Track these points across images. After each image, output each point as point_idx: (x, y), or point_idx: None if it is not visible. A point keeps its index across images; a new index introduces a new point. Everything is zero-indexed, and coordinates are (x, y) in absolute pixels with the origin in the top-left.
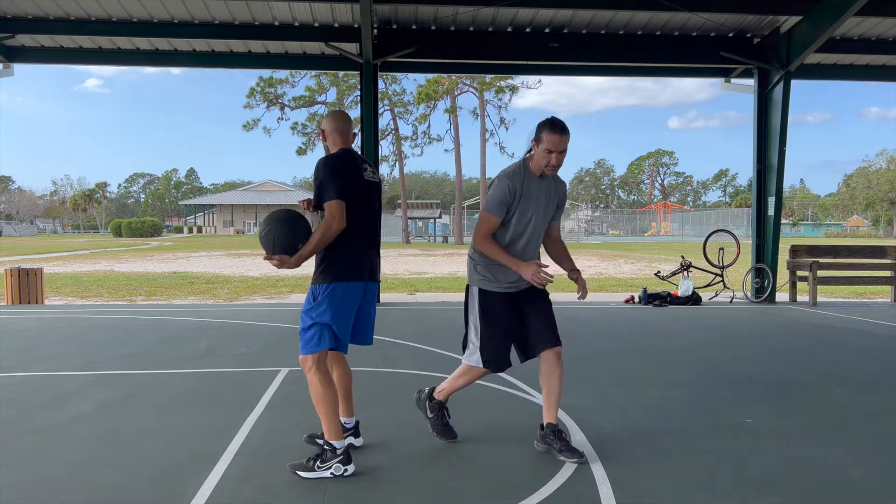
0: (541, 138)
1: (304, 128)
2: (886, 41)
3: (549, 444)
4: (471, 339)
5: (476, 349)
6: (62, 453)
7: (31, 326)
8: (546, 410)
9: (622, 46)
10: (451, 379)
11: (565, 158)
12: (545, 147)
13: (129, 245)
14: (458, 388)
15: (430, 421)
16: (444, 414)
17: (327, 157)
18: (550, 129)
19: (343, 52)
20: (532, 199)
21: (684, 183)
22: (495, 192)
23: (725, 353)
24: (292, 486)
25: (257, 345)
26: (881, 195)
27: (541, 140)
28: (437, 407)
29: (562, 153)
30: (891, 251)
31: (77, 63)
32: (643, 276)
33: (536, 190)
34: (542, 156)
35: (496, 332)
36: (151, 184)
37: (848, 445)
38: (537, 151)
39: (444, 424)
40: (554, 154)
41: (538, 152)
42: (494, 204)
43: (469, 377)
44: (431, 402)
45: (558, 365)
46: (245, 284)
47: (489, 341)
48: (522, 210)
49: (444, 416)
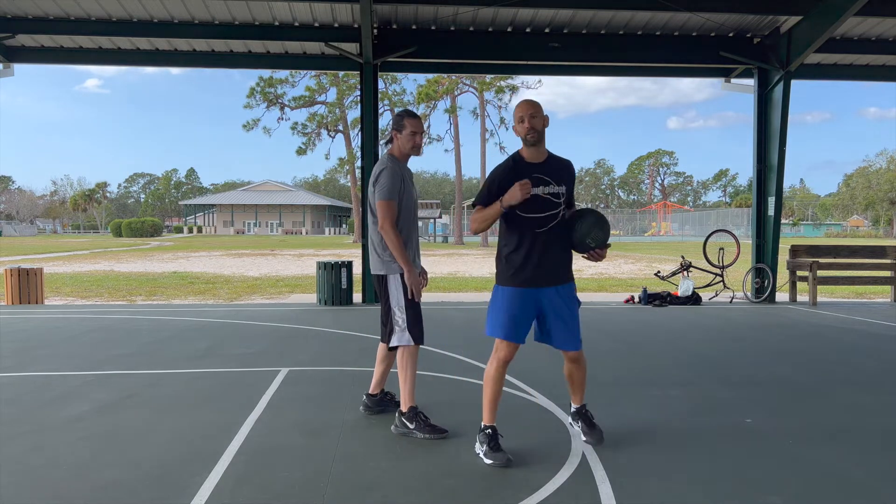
0: (403, 125)
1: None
2: (886, 41)
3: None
4: (396, 322)
5: (404, 329)
6: (62, 453)
7: (31, 326)
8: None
9: (622, 46)
10: (401, 378)
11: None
12: (410, 131)
13: (129, 245)
14: (414, 382)
15: (416, 429)
16: (421, 417)
17: None
18: (409, 116)
19: (343, 52)
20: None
21: (684, 183)
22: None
23: (725, 353)
24: (292, 486)
25: (257, 345)
26: (881, 195)
27: (404, 126)
28: (412, 415)
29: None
30: (891, 251)
31: (77, 63)
32: (643, 276)
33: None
34: (406, 140)
35: (419, 313)
36: (151, 184)
37: (848, 445)
38: (401, 137)
39: (429, 425)
40: (417, 135)
41: (403, 137)
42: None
43: (412, 362)
44: (405, 415)
45: None
46: (245, 284)
47: (417, 321)
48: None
49: (424, 418)
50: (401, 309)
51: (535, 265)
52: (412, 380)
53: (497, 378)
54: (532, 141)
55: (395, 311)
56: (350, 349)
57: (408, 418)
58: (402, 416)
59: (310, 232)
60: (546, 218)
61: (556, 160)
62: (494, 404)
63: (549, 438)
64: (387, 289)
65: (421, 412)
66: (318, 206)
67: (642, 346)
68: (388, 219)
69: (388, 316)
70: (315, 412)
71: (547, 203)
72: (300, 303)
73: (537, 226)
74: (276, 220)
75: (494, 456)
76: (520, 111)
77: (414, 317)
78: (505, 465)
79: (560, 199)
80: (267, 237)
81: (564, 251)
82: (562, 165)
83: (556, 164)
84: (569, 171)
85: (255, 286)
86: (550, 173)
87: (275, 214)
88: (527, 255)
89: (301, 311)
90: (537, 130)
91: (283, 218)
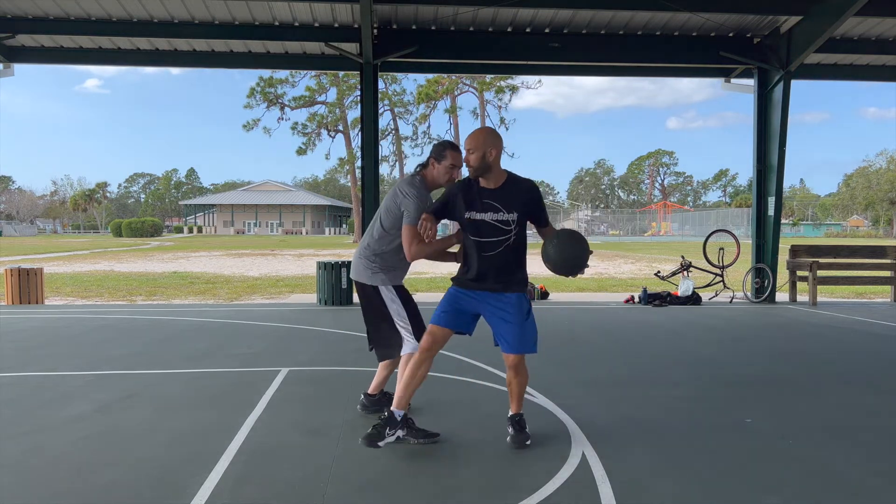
0: (444, 156)
1: (304, 128)
2: (886, 41)
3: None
4: (402, 333)
5: (411, 335)
6: (62, 453)
7: (31, 326)
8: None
9: (622, 46)
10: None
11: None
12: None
13: (129, 245)
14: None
15: (407, 435)
16: (410, 421)
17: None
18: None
19: (343, 52)
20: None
21: (684, 183)
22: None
23: (725, 353)
24: (292, 486)
25: (257, 345)
26: (881, 195)
27: (444, 157)
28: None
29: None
30: (891, 251)
31: (77, 63)
32: (643, 276)
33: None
34: (443, 172)
35: (417, 311)
36: (151, 184)
37: (848, 445)
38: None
39: (418, 429)
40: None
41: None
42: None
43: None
44: None
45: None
46: (245, 284)
47: (418, 322)
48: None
49: (413, 423)
50: (403, 319)
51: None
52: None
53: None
54: (475, 175)
55: (397, 323)
56: (350, 349)
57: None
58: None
59: (310, 232)
60: (493, 244)
61: (511, 186)
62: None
63: (549, 438)
64: (381, 300)
65: (410, 417)
66: (318, 206)
67: (642, 346)
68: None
69: (392, 328)
70: (315, 412)
71: (495, 229)
72: (300, 303)
73: (485, 249)
74: (276, 220)
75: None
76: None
77: (416, 321)
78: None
79: (511, 226)
80: (267, 237)
81: (515, 270)
82: (518, 190)
83: (511, 191)
84: (528, 195)
85: (255, 286)
86: (500, 200)
87: (275, 214)
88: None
89: (301, 311)
90: (473, 167)
91: (283, 218)
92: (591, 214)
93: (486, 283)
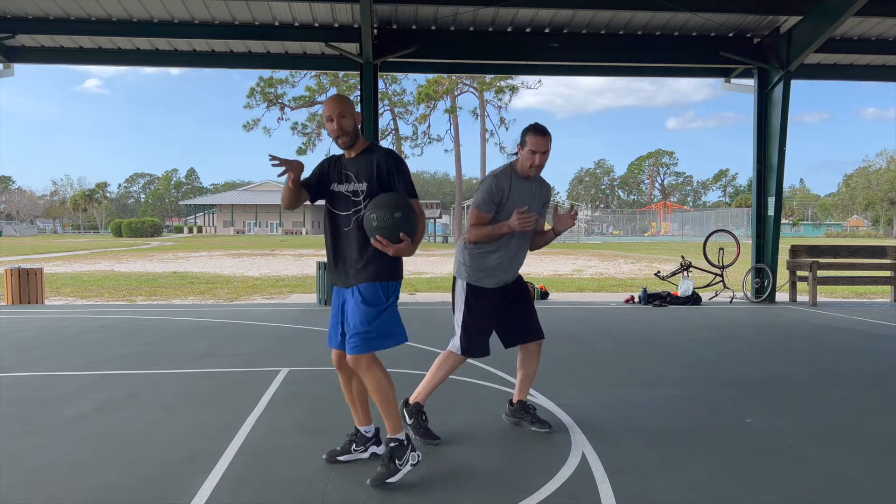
0: (525, 141)
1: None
2: (886, 41)
3: (521, 417)
4: (456, 326)
5: (458, 336)
6: (62, 453)
7: (32, 326)
8: (519, 391)
9: (622, 46)
10: (429, 376)
11: (548, 160)
12: (529, 149)
13: (129, 245)
14: (436, 385)
15: (410, 427)
16: (422, 418)
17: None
18: (534, 132)
19: (343, 52)
20: (518, 197)
21: (684, 183)
22: (484, 190)
23: (725, 353)
24: (292, 485)
25: (257, 345)
26: (881, 195)
27: (525, 143)
28: (414, 411)
29: (544, 154)
30: (891, 251)
31: (77, 63)
32: (643, 276)
33: (523, 190)
34: (526, 157)
35: (477, 326)
36: (151, 184)
37: (848, 445)
38: (522, 153)
39: (424, 428)
40: (537, 154)
41: (523, 154)
42: (483, 201)
43: (447, 367)
44: (409, 408)
45: (538, 354)
46: (245, 284)
47: (471, 332)
48: (511, 208)
49: (423, 420)
50: (461, 317)
51: (333, 266)
52: (437, 382)
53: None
54: (344, 145)
55: (455, 315)
56: None
57: (409, 412)
58: (405, 406)
59: (310, 232)
60: (346, 217)
61: (364, 154)
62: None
63: (548, 438)
64: (455, 291)
65: (424, 412)
66: (318, 206)
67: (642, 346)
68: (469, 224)
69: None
70: (315, 412)
71: (347, 201)
72: (300, 303)
73: (342, 224)
74: (276, 220)
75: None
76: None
77: (469, 328)
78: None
79: (360, 196)
80: (267, 237)
81: (361, 250)
82: (368, 160)
83: (362, 159)
84: (377, 162)
85: (255, 286)
86: (352, 168)
87: (275, 214)
88: (332, 254)
89: (301, 311)
90: (347, 132)
91: (283, 218)
92: (591, 214)
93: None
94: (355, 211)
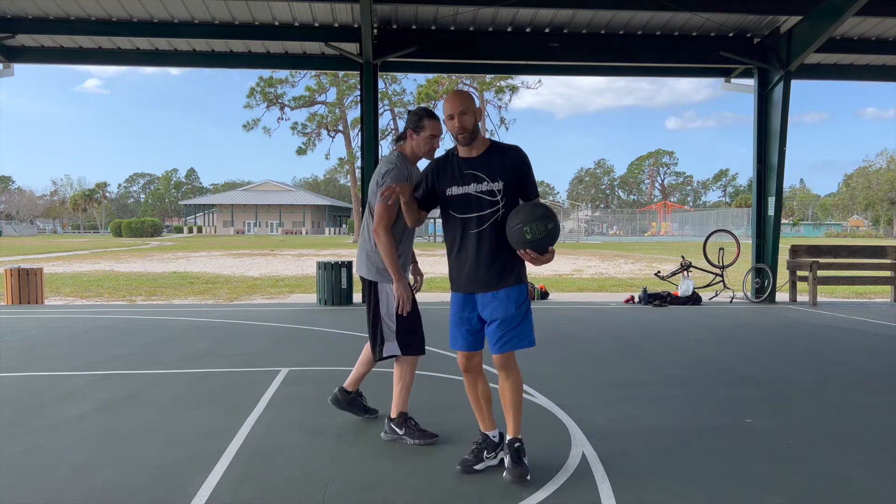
0: (422, 126)
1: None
2: (886, 41)
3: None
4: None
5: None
6: (62, 453)
7: (31, 326)
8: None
9: (622, 46)
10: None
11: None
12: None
13: (129, 245)
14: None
15: (406, 435)
16: (411, 423)
17: None
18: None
19: (343, 52)
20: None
21: (684, 183)
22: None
23: (725, 353)
24: (292, 485)
25: (257, 345)
26: (881, 195)
27: (422, 128)
28: (401, 422)
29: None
30: (891, 251)
31: (77, 63)
32: (643, 276)
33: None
34: (424, 141)
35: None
36: (151, 184)
37: (848, 445)
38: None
39: (419, 431)
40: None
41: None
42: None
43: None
44: (394, 421)
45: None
46: (245, 284)
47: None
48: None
49: (413, 425)
50: (391, 318)
51: (470, 270)
52: (406, 389)
53: (468, 387)
54: (465, 142)
55: (384, 320)
56: (350, 349)
57: (397, 424)
58: (391, 421)
59: (310, 232)
60: (480, 218)
61: (493, 153)
62: (477, 411)
63: (548, 438)
64: (376, 296)
65: (411, 418)
66: (318, 206)
67: (642, 346)
68: (382, 222)
69: (377, 326)
70: (315, 412)
71: (481, 202)
72: (300, 303)
73: (472, 226)
74: (276, 220)
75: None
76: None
77: (408, 325)
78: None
79: (497, 196)
80: (267, 237)
81: (501, 253)
82: (501, 159)
83: (493, 158)
84: (511, 162)
85: (255, 286)
86: (484, 168)
87: (275, 214)
88: (462, 258)
89: (301, 311)
90: (468, 129)
91: (283, 218)
92: (591, 214)
93: (476, 276)
94: (493, 212)
